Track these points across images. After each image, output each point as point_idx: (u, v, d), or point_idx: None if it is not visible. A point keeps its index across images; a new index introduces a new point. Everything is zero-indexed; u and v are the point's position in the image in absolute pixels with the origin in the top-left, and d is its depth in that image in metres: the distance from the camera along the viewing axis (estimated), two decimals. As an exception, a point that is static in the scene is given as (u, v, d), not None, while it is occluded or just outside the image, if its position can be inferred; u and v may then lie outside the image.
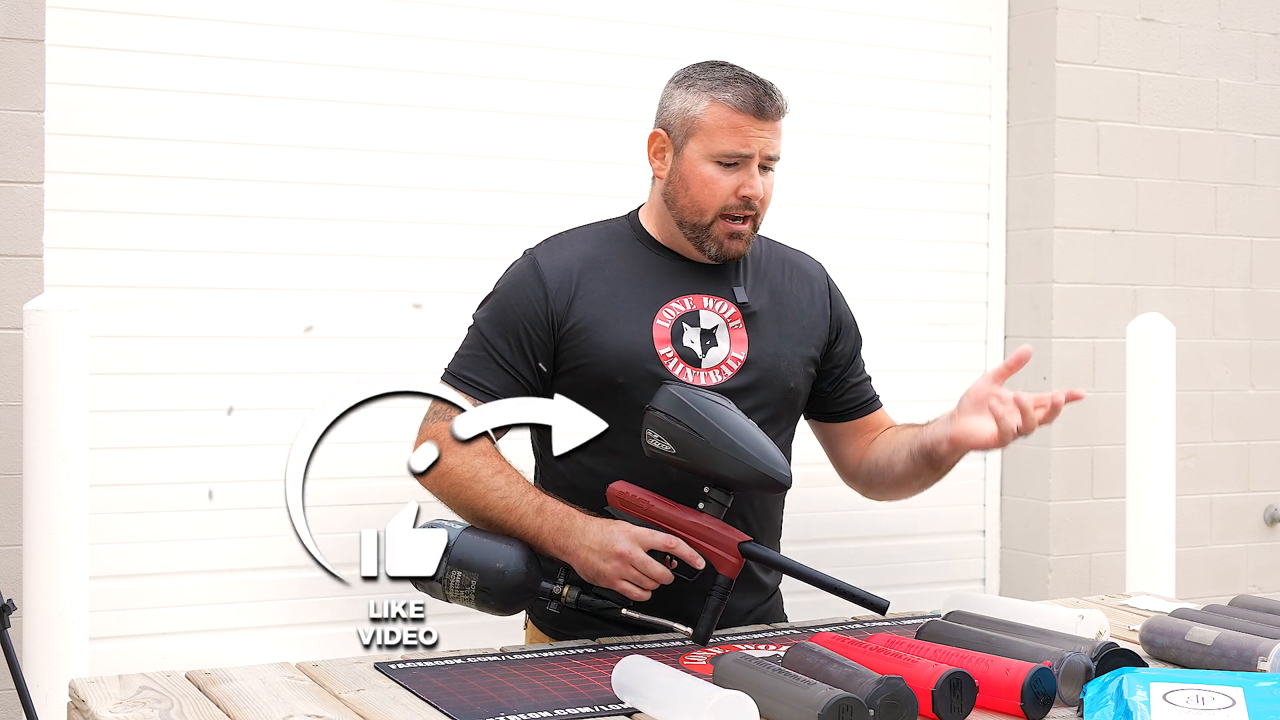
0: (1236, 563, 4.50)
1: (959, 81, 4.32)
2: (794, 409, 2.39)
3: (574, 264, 2.30)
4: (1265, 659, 1.89)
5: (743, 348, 2.29)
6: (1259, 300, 4.53)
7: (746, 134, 2.23)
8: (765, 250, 2.43)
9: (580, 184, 3.78)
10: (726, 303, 2.31)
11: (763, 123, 2.23)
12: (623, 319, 2.27)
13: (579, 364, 2.27)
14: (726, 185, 2.24)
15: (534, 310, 2.28)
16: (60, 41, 3.30)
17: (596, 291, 2.28)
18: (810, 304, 2.41)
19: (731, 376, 2.27)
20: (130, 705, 1.78)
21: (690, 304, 2.29)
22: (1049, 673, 1.71)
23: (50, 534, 2.73)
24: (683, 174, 2.27)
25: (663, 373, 2.24)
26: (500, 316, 2.31)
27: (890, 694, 1.62)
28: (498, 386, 2.27)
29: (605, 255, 2.32)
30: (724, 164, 2.24)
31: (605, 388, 2.25)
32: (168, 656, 3.27)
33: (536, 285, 2.29)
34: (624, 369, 2.24)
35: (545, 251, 2.35)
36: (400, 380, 2.11)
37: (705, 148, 2.24)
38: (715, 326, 2.29)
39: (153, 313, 3.42)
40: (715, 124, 2.24)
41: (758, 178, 2.24)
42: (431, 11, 3.67)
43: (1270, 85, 4.54)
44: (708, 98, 2.25)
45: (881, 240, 4.19)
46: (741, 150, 2.23)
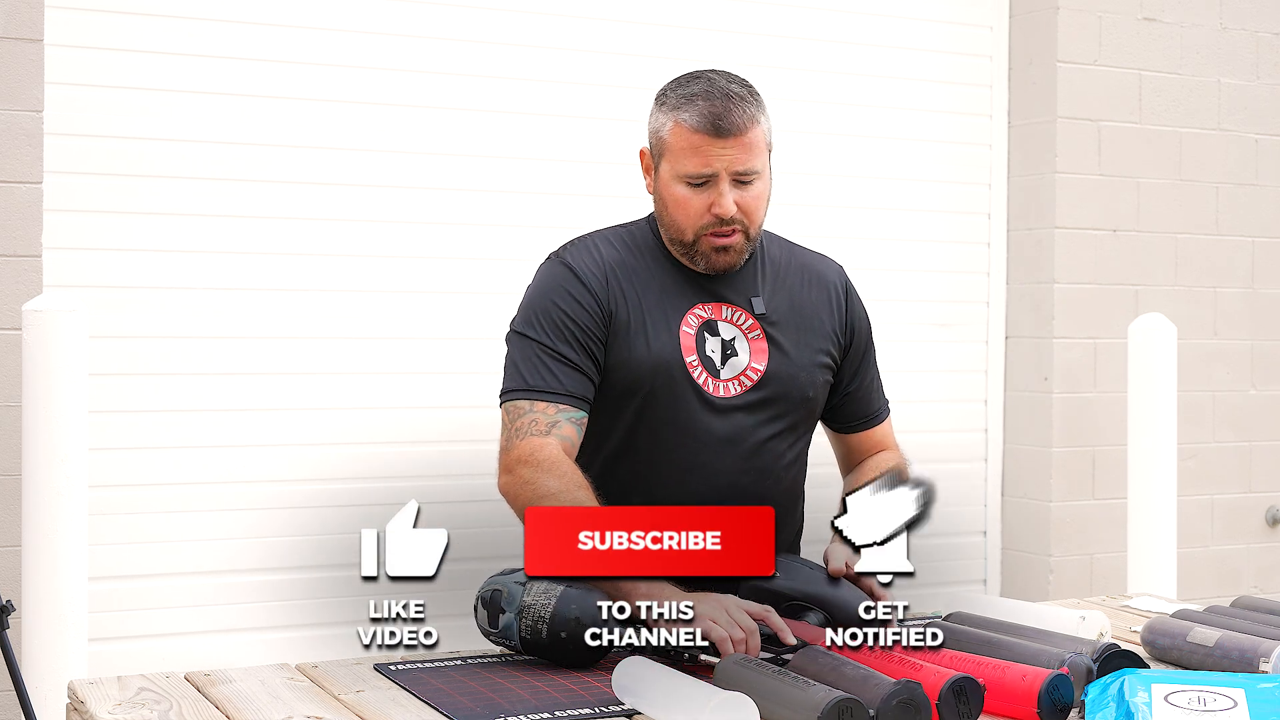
0: (1238, 563, 4.49)
1: (960, 81, 4.31)
2: (811, 417, 2.38)
3: (606, 267, 2.28)
4: (1267, 660, 1.89)
5: (762, 359, 2.27)
6: (1260, 300, 4.53)
7: (707, 155, 2.19)
8: (785, 255, 2.41)
9: (583, 184, 3.78)
10: (744, 313, 2.29)
11: (723, 141, 2.19)
12: (652, 325, 2.24)
13: (614, 368, 2.24)
14: (698, 205, 2.22)
15: (582, 309, 2.24)
16: (59, 41, 3.30)
17: (628, 296, 2.26)
18: (828, 310, 2.39)
19: (750, 388, 2.26)
20: (129, 706, 1.77)
21: (710, 312, 2.28)
22: (1066, 679, 1.70)
23: (49, 535, 2.73)
24: (661, 194, 2.26)
25: (691, 381, 2.23)
26: (552, 320, 2.24)
27: (906, 697, 1.61)
28: (575, 387, 2.21)
29: (631, 260, 2.30)
30: (693, 184, 2.21)
31: (634, 394, 2.23)
32: (167, 657, 3.27)
33: (579, 284, 2.25)
34: (653, 376, 2.22)
35: (574, 254, 2.31)
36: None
37: (673, 169, 2.22)
38: (734, 337, 2.28)
39: (152, 313, 3.42)
40: (678, 145, 2.21)
41: (728, 195, 2.20)
42: (431, 11, 3.67)
43: (1272, 85, 4.53)
44: (672, 119, 2.23)
45: (882, 240, 4.19)
46: (704, 171, 2.20)
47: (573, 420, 2.18)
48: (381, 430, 3.63)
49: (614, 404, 2.21)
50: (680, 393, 2.20)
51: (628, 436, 2.22)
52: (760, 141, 2.23)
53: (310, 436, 3.57)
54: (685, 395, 2.21)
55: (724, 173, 2.20)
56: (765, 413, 2.24)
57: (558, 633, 1.91)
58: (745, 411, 2.24)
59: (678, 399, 2.19)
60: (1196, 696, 1.66)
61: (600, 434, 2.24)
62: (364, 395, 3.62)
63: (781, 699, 1.64)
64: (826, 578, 2.08)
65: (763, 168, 2.24)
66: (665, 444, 2.22)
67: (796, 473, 2.34)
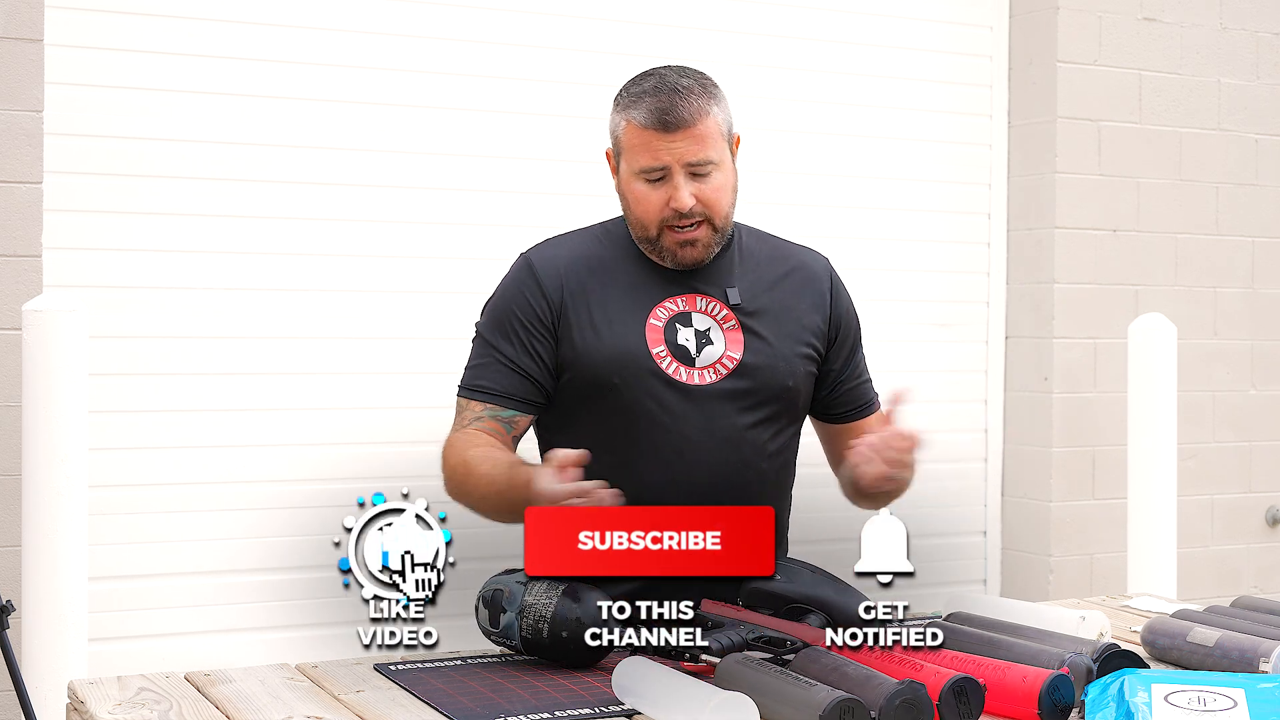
0: (1238, 563, 4.49)
1: (960, 81, 4.32)
2: (794, 409, 2.38)
3: (567, 262, 2.33)
4: (1267, 660, 1.89)
5: (738, 348, 2.29)
6: (1260, 300, 4.53)
7: (656, 150, 2.23)
8: (764, 248, 2.42)
9: (580, 184, 3.78)
10: (719, 304, 2.31)
11: (670, 135, 2.22)
12: (616, 318, 2.28)
13: (573, 363, 2.28)
14: (656, 200, 2.25)
15: (530, 307, 2.30)
16: (59, 41, 3.30)
17: (590, 291, 2.30)
18: (811, 302, 2.40)
19: (726, 376, 2.28)
20: (129, 706, 1.77)
21: (683, 304, 2.31)
22: (1067, 680, 1.70)
23: (49, 535, 2.73)
24: (623, 192, 2.31)
25: (658, 372, 2.25)
26: (499, 318, 2.32)
27: (909, 697, 1.61)
28: (504, 387, 2.29)
29: (599, 255, 2.34)
30: (649, 180, 2.25)
31: (600, 387, 2.26)
32: (167, 657, 3.27)
33: (531, 282, 2.31)
34: (618, 369, 2.25)
35: (539, 252, 2.38)
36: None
37: (629, 166, 2.27)
38: (708, 328, 2.30)
39: (152, 313, 3.42)
40: (631, 143, 2.26)
41: (684, 188, 2.23)
42: (431, 11, 3.67)
43: (1272, 85, 4.53)
44: (624, 118, 2.28)
45: (882, 240, 4.19)
46: (655, 165, 2.24)
47: (498, 417, 2.27)
48: (381, 430, 3.63)
49: (585, 397, 2.25)
50: (647, 383, 2.23)
51: (605, 429, 2.24)
52: (713, 132, 2.25)
53: (310, 436, 3.57)
54: (653, 385, 2.23)
55: (676, 165, 2.23)
56: (743, 401, 2.26)
57: (559, 632, 1.91)
58: (722, 399, 2.26)
59: (646, 390, 2.22)
60: (1196, 696, 1.66)
61: (580, 428, 2.27)
62: (364, 395, 3.62)
63: (782, 699, 1.64)
64: (827, 580, 2.08)
65: (720, 158, 2.26)
66: (642, 434, 2.24)
67: (781, 467, 2.35)
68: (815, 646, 1.81)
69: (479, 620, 2.01)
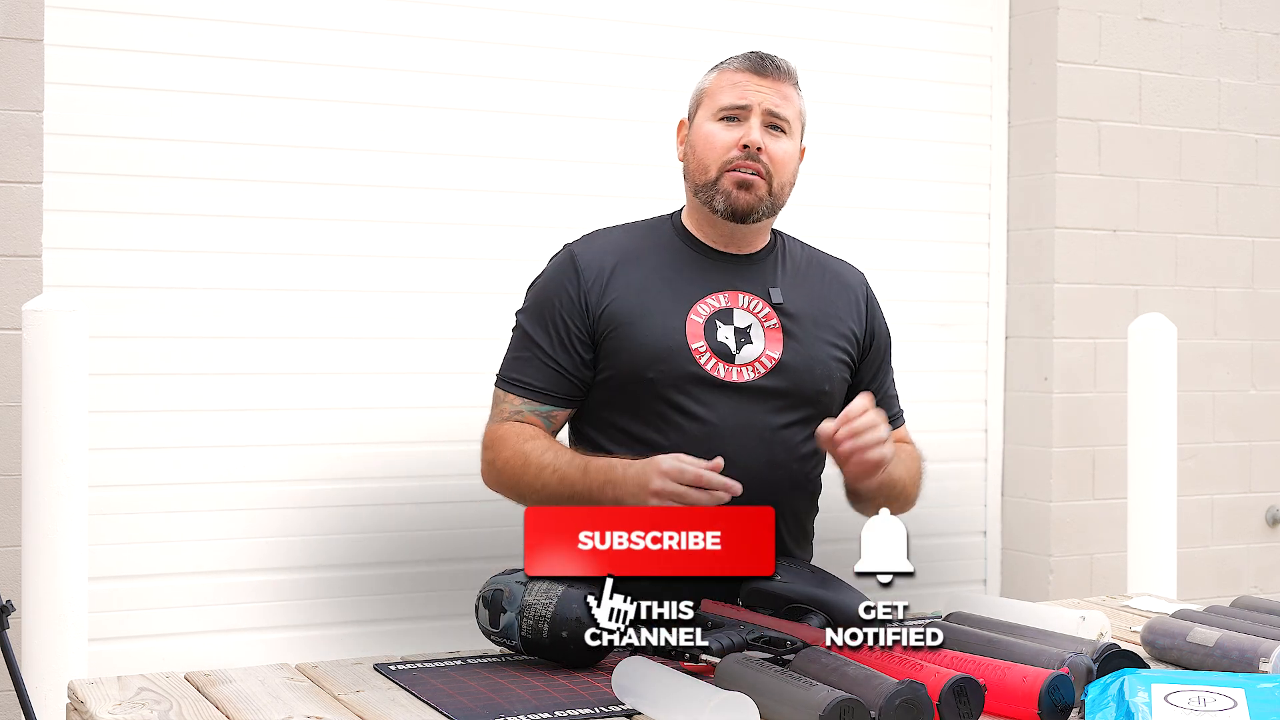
0: (1238, 563, 4.49)
1: (960, 81, 4.32)
2: (827, 414, 2.37)
3: (610, 256, 2.34)
4: (1267, 660, 1.89)
5: (777, 348, 2.31)
6: (1260, 300, 4.53)
7: (744, 88, 2.30)
8: (805, 255, 2.45)
9: (583, 184, 3.78)
10: (761, 302, 2.33)
11: (761, 78, 2.31)
12: (657, 313, 2.29)
13: (612, 356, 2.29)
14: (726, 139, 2.30)
15: (569, 299, 2.31)
16: (59, 41, 3.30)
17: (631, 284, 2.31)
18: (847, 310, 2.42)
19: (764, 375, 2.29)
20: (129, 706, 1.77)
21: (725, 301, 2.32)
22: (1067, 680, 1.70)
23: (49, 535, 2.73)
24: (693, 141, 2.36)
25: (696, 368, 2.25)
26: (538, 310, 2.34)
27: (909, 697, 1.61)
28: (542, 382, 2.31)
29: (642, 249, 2.36)
30: (726, 119, 2.31)
31: (637, 381, 2.27)
32: (167, 657, 3.27)
33: (572, 275, 2.33)
34: (656, 363, 2.26)
35: (583, 244, 2.39)
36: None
37: (708, 110, 2.33)
38: (749, 325, 2.31)
39: (152, 313, 3.42)
40: (718, 86, 2.33)
41: (758, 129, 2.29)
42: (431, 11, 3.67)
43: (1272, 85, 4.53)
44: (718, 70, 2.36)
45: (882, 240, 4.19)
46: (739, 102, 2.30)
47: (536, 412, 2.30)
48: (381, 430, 3.63)
49: (622, 390, 2.27)
50: (686, 378, 2.26)
51: (638, 422, 2.26)
52: (795, 101, 2.36)
53: (310, 436, 3.57)
54: (692, 380, 2.25)
55: (757, 108, 2.30)
56: (779, 401, 2.28)
57: (559, 632, 1.91)
58: (758, 396, 2.27)
59: (682, 385, 2.24)
60: (1196, 696, 1.66)
61: (613, 418, 2.29)
62: (364, 395, 3.62)
63: (783, 699, 1.64)
64: (827, 580, 2.08)
65: (793, 132, 2.35)
66: (674, 429, 2.25)
67: (812, 468, 2.36)
68: (815, 646, 1.81)
69: (479, 620, 2.01)
